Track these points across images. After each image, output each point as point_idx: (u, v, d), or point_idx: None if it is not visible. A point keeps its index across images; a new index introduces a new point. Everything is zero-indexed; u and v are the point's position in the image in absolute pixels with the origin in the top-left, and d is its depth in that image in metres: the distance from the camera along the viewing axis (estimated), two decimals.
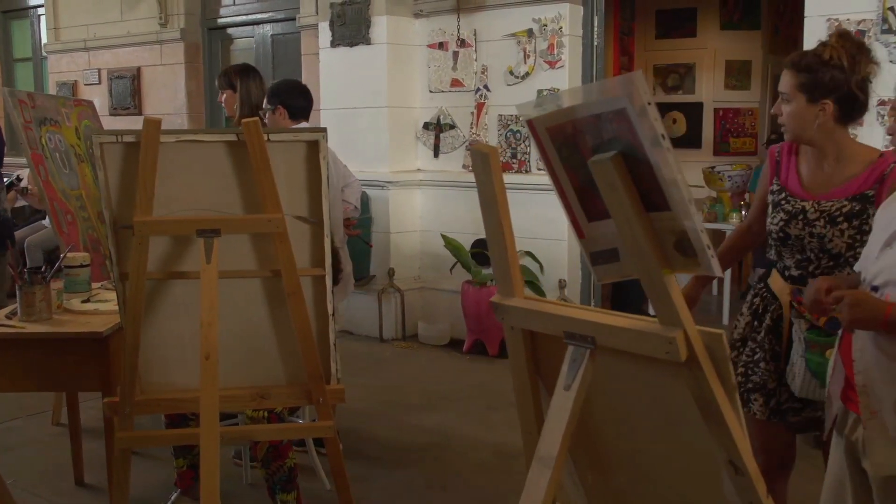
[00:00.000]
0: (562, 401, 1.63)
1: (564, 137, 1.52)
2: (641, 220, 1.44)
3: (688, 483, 1.75)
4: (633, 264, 1.50)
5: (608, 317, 1.62)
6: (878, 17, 4.85)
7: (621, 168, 1.43)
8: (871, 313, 2.02)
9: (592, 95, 1.43)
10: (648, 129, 1.37)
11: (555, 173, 1.59)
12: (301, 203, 2.84)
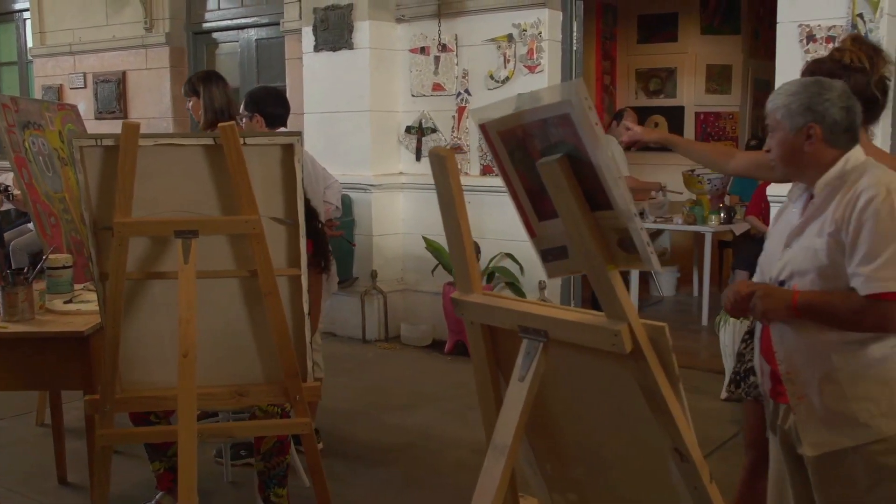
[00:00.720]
0: (516, 391, 1.71)
1: (515, 141, 1.60)
2: (587, 218, 1.53)
3: (638, 471, 1.83)
4: (581, 261, 1.58)
5: (560, 311, 1.71)
6: (847, 24, 4.95)
7: (567, 170, 1.51)
8: (781, 302, 2.21)
9: (539, 101, 1.52)
10: (590, 133, 1.45)
11: (507, 175, 1.67)
12: (277, 205, 2.93)
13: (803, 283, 2.23)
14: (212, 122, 4.11)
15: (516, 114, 1.56)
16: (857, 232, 2.12)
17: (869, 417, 2.19)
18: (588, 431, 1.89)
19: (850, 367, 2.20)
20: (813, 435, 2.26)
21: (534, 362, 1.69)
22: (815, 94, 2.27)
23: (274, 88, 4.70)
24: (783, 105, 2.29)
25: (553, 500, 2.11)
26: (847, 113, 2.27)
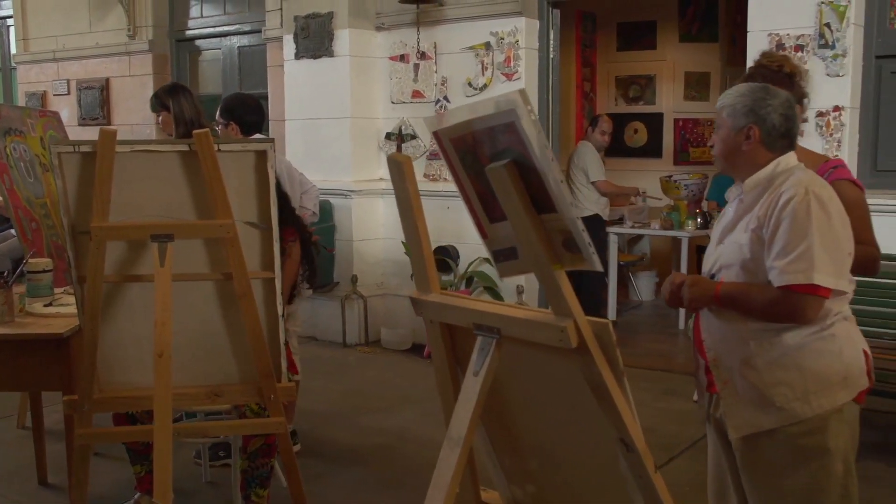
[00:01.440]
0: (471, 385, 1.79)
1: (466, 147, 1.69)
2: (533, 221, 1.62)
3: (590, 463, 1.92)
4: (529, 261, 1.67)
5: (511, 309, 1.79)
6: (815, 33, 5.07)
7: (514, 175, 1.60)
8: (705, 291, 2.38)
9: (486, 110, 1.60)
10: (534, 140, 1.54)
11: (460, 180, 1.76)
12: (251, 209, 3.00)
13: (729, 275, 2.39)
14: (184, 134, 4.15)
15: (466, 122, 1.65)
16: (775, 228, 2.28)
17: (785, 401, 2.34)
18: (542, 425, 1.97)
19: (768, 354, 2.35)
20: (736, 418, 2.42)
21: (487, 358, 1.78)
22: (759, 98, 2.44)
23: (248, 96, 4.73)
24: (730, 105, 2.46)
25: (512, 492, 2.20)
26: (786, 120, 2.44)
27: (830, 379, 2.34)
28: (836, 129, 5.07)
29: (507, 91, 6.06)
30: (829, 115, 5.08)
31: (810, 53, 5.10)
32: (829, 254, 2.23)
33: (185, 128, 4.14)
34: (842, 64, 5.04)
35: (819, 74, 5.10)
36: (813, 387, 2.33)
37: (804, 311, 2.26)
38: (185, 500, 3.94)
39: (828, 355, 2.34)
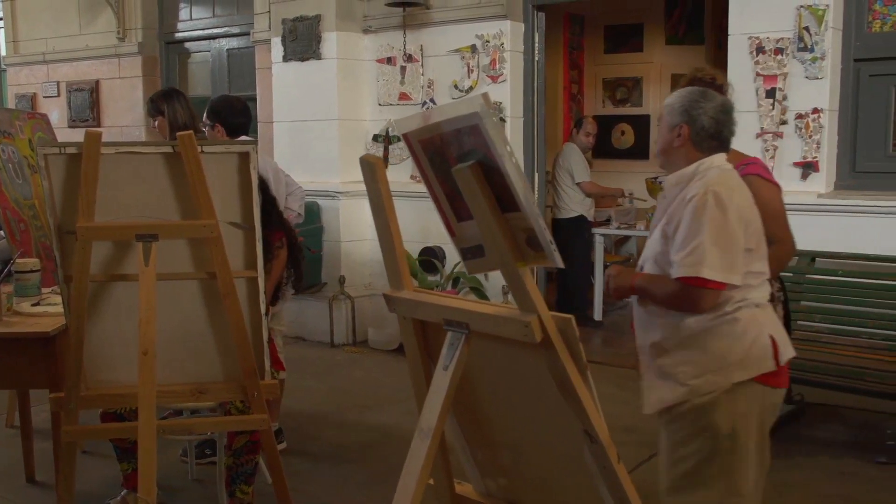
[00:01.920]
0: (440, 379, 1.86)
1: (434, 149, 1.76)
2: (498, 220, 1.68)
3: (557, 455, 1.99)
4: (495, 259, 1.74)
5: (479, 306, 1.86)
6: (794, 36, 5.15)
7: (479, 175, 1.66)
8: (625, 281, 2.65)
9: (453, 113, 1.67)
10: (497, 142, 1.60)
11: (428, 180, 1.83)
12: (234, 210, 3.06)
13: (647, 267, 2.64)
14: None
15: (434, 124, 1.71)
16: (677, 224, 2.49)
17: (685, 378, 2.56)
18: (512, 419, 2.04)
19: (676, 337, 2.58)
20: (649, 396, 2.70)
21: (457, 352, 1.84)
22: (694, 100, 2.63)
23: (235, 98, 4.77)
24: (670, 104, 2.68)
25: (486, 484, 2.26)
26: (716, 123, 2.62)
27: (729, 359, 2.54)
28: (815, 130, 5.14)
29: (492, 92, 6.17)
30: (808, 117, 5.16)
31: (790, 56, 5.18)
32: (720, 249, 2.42)
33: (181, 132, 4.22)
34: (821, 67, 5.11)
35: (798, 77, 5.19)
36: (712, 366, 2.54)
37: (697, 302, 2.48)
38: (172, 498, 4.00)
39: (729, 337, 2.54)
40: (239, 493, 3.55)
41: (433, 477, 2.36)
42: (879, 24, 5.18)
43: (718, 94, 2.76)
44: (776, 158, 5.26)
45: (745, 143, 5.32)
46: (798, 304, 5.02)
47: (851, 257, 4.97)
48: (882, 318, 4.72)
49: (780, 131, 5.24)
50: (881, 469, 4.24)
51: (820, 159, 5.18)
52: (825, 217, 5.14)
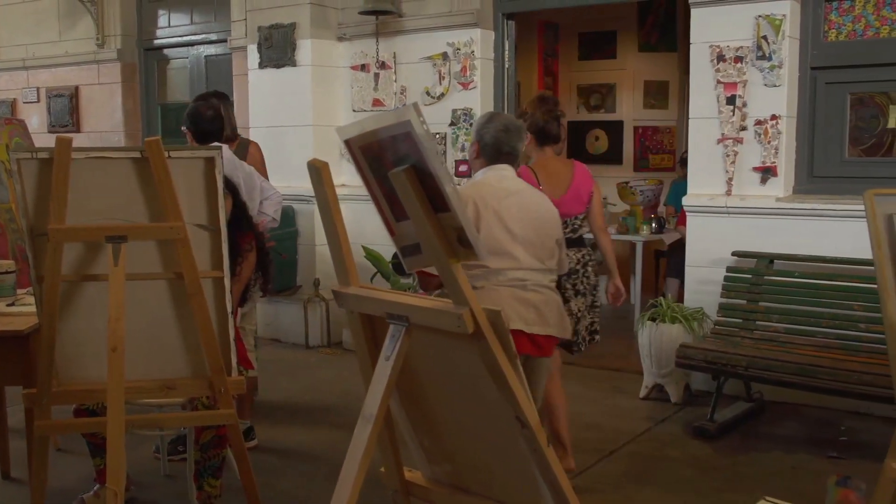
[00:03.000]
0: (382, 369, 1.99)
1: (373, 154, 1.89)
2: (431, 220, 1.81)
3: (495, 441, 2.12)
4: (431, 255, 1.87)
5: (418, 300, 1.99)
6: (753, 45, 5.31)
7: (413, 178, 1.80)
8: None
9: (388, 121, 1.80)
10: (427, 148, 1.74)
11: (369, 183, 1.96)
12: (200, 212, 3.19)
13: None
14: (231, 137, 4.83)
15: (372, 131, 1.85)
16: None
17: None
18: (453, 407, 2.17)
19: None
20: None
21: (398, 344, 1.97)
22: (482, 123, 3.56)
23: (205, 105, 4.73)
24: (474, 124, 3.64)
25: (432, 471, 2.39)
26: (495, 140, 3.48)
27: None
28: (774, 136, 5.30)
29: (463, 99, 6.32)
30: (766, 124, 5.32)
31: (749, 64, 5.34)
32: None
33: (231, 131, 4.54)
34: (778, 74, 5.28)
35: (757, 85, 5.35)
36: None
37: (424, 286, 3.33)
38: (144, 493, 4.11)
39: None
40: (207, 487, 3.66)
41: (384, 465, 2.50)
42: (835, 34, 5.35)
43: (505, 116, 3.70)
44: (737, 163, 5.41)
45: (706, 148, 5.52)
46: (757, 304, 5.18)
47: (808, 259, 5.14)
48: (836, 318, 4.88)
49: (741, 137, 5.40)
50: (832, 463, 4.39)
51: (778, 164, 5.34)
52: (783, 220, 5.30)
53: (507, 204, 3.41)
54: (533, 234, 3.43)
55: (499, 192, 3.40)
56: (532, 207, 3.49)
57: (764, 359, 4.75)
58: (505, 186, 3.45)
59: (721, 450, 4.64)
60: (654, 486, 4.20)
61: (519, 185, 3.55)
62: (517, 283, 3.37)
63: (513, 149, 3.50)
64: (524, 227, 3.41)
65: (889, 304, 2.64)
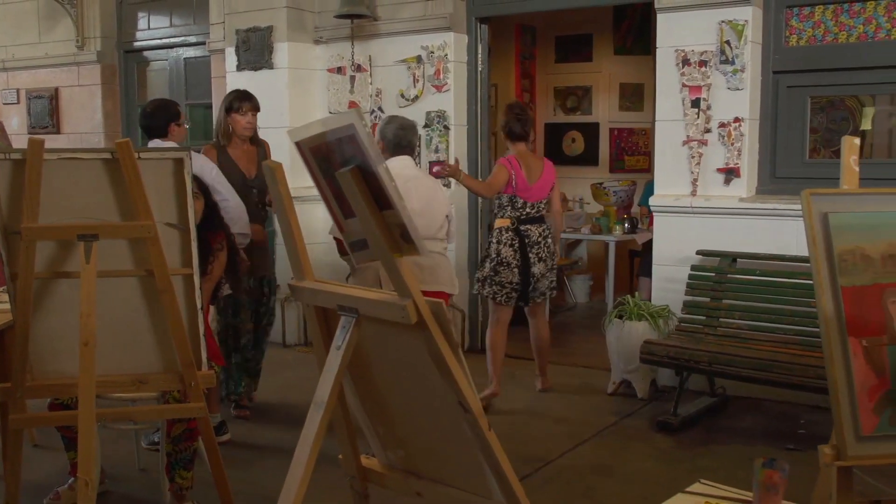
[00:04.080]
0: (333, 357, 2.11)
1: (322, 155, 2.01)
2: (376, 217, 1.93)
3: (443, 427, 2.24)
4: (376, 250, 1.99)
5: (366, 293, 2.11)
6: (717, 49, 5.45)
7: (358, 178, 1.91)
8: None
9: (334, 124, 1.92)
10: (369, 150, 1.86)
11: (319, 183, 2.08)
12: (170, 211, 3.30)
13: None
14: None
15: (320, 133, 1.96)
16: None
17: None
18: (403, 395, 2.29)
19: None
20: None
21: (348, 334, 2.09)
22: (384, 124, 4.62)
23: (152, 102, 5.11)
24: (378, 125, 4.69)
25: (387, 457, 2.51)
26: (394, 136, 4.53)
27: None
28: (737, 138, 5.45)
29: (437, 101, 6.44)
30: (730, 126, 5.46)
31: (713, 68, 5.48)
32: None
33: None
34: (741, 78, 5.42)
35: (721, 88, 5.49)
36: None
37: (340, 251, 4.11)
38: (118, 486, 4.21)
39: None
40: (178, 479, 3.77)
41: (341, 452, 2.62)
42: (796, 39, 5.49)
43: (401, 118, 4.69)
44: (701, 165, 5.55)
45: (672, 150, 5.65)
46: (720, 302, 5.32)
47: (770, 258, 5.28)
48: (795, 314, 5.02)
49: (705, 139, 5.54)
50: (789, 455, 4.52)
51: (741, 165, 5.48)
52: (746, 220, 5.44)
53: (406, 187, 4.15)
54: (426, 210, 4.39)
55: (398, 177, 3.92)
56: (425, 190, 4.50)
57: (725, 354, 4.89)
58: (405, 173, 4.40)
59: (683, 443, 4.77)
60: (617, 477, 4.33)
61: (416, 172, 4.64)
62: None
63: (409, 143, 4.64)
64: (422, 204, 4.37)
65: (823, 299, 2.77)
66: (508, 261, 5.38)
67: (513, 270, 5.38)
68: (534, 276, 5.42)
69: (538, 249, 5.42)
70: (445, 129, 6.53)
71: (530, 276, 5.41)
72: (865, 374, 2.76)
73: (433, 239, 4.39)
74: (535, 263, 5.41)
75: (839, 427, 2.71)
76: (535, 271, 5.41)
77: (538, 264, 5.43)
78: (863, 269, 2.83)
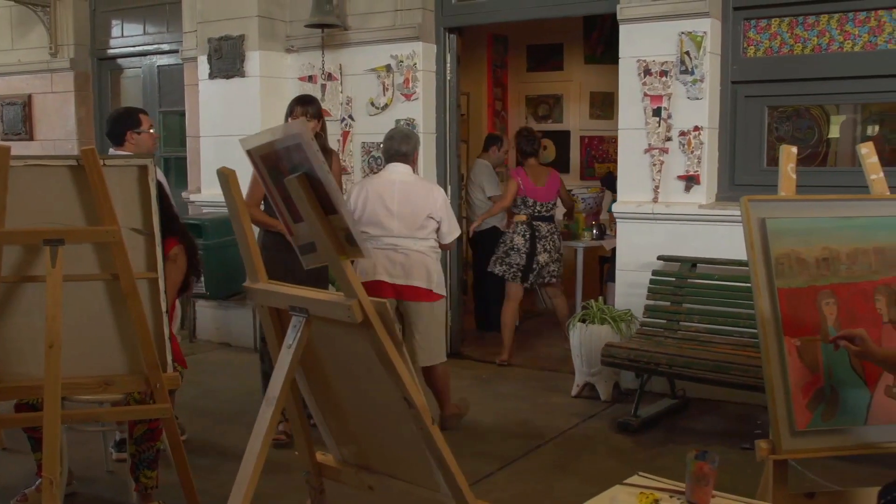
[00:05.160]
0: (285, 355, 2.21)
1: (272, 163, 2.11)
2: (322, 221, 2.04)
3: (389, 422, 2.34)
4: (324, 253, 2.09)
5: (316, 293, 2.22)
6: (677, 60, 5.59)
7: (305, 185, 2.02)
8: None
9: (282, 133, 2.03)
10: (315, 158, 1.96)
11: (269, 189, 2.18)
12: (135, 217, 3.39)
13: None
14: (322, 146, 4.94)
15: (270, 142, 2.07)
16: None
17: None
18: (352, 391, 2.39)
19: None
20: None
21: (298, 333, 2.19)
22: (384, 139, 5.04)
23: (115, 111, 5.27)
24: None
25: (340, 452, 2.61)
26: (386, 148, 4.95)
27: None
28: (697, 146, 5.59)
29: (406, 110, 6.55)
30: (690, 135, 5.60)
31: (673, 78, 5.62)
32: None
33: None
34: (700, 88, 5.56)
35: (681, 97, 5.63)
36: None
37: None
38: (86, 487, 4.28)
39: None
40: (143, 479, 3.85)
41: (297, 449, 2.71)
42: (753, 50, 5.65)
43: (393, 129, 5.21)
44: (662, 172, 5.68)
45: (634, 158, 5.78)
46: (680, 306, 5.45)
47: (728, 263, 5.41)
48: (751, 318, 5.10)
49: (666, 147, 5.67)
50: (743, 454, 4.64)
51: (701, 173, 5.62)
52: (706, 226, 5.58)
53: (392, 190, 4.81)
54: (409, 212, 4.77)
55: (385, 182, 4.86)
56: (411, 193, 4.83)
57: (684, 357, 5.02)
58: (392, 178, 4.88)
59: (642, 443, 4.89)
60: (576, 476, 4.44)
61: (406, 178, 4.90)
62: (389, 246, 4.78)
63: (396, 151, 4.92)
64: (403, 206, 4.79)
65: (761, 301, 2.91)
66: (518, 247, 6.67)
67: (521, 255, 6.66)
68: (538, 263, 6.69)
69: (545, 242, 6.73)
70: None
71: (534, 262, 6.67)
72: (800, 372, 2.89)
73: (411, 238, 4.78)
74: (540, 253, 6.70)
75: (774, 422, 2.84)
76: (539, 259, 6.69)
77: (543, 254, 6.71)
78: (798, 272, 2.97)
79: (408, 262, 4.78)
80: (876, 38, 5.33)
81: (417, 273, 4.80)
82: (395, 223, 4.76)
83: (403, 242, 4.76)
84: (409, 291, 4.81)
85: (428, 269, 4.84)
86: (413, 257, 4.79)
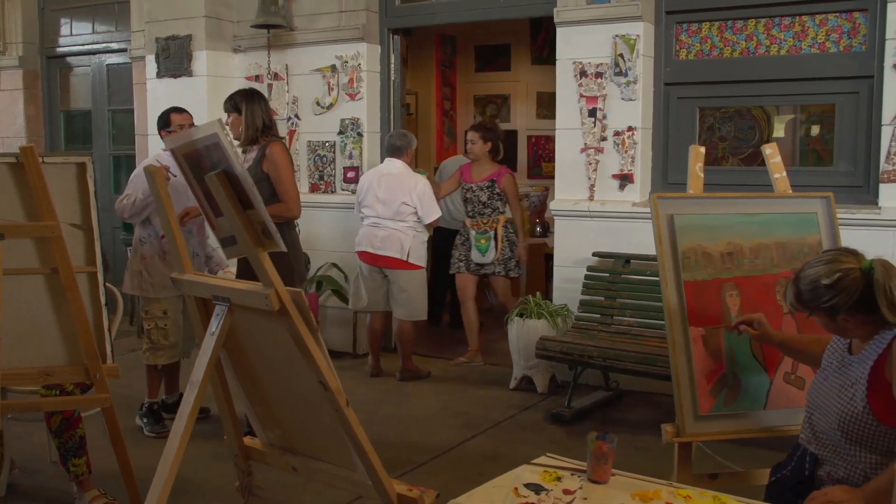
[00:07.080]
0: (208, 342, 2.34)
1: (193, 160, 2.25)
2: (240, 216, 2.18)
3: (311, 405, 2.48)
4: (243, 246, 2.23)
5: (238, 283, 2.35)
6: (611, 62, 5.79)
7: (224, 181, 2.16)
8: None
9: (200, 133, 2.16)
10: (231, 156, 2.10)
11: (192, 185, 2.31)
12: (74, 213, 3.50)
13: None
14: (252, 138, 4.66)
15: (191, 141, 2.20)
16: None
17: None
18: (274, 376, 2.53)
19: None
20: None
21: (221, 321, 2.33)
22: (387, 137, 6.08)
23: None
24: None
25: (267, 436, 2.75)
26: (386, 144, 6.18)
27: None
28: (630, 146, 5.78)
29: (351, 109, 6.68)
30: (624, 135, 5.79)
31: (608, 80, 5.81)
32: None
33: (254, 133, 4.64)
34: (634, 90, 5.76)
35: (616, 99, 5.82)
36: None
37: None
38: (29, 477, 4.37)
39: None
40: (72, 467, 3.93)
41: (225, 433, 2.85)
42: (685, 53, 5.86)
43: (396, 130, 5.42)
44: (598, 171, 5.88)
45: (571, 157, 5.97)
46: (614, 300, 5.65)
47: None
48: None
49: (601, 147, 5.87)
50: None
51: (635, 172, 5.81)
52: (640, 223, 5.76)
53: (382, 179, 6.12)
54: (390, 198, 6.06)
55: (379, 173, 6.20)
56: (393, 184, 6.08)
57: (615, 350, 5.21)
58: (383, 171, 6.19)
59: (574, 433, 5.07)
60: (506, 463, 4.51)
61: (394, 171, 6.15)
62: (374, 224, 6.10)
63: (391, 146, 6.23)
64: (386, 193, 6.07)
65: (668, 292, 3.09)
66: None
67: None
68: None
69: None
70: (359, 135, 6.78)
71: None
72: (704, 359, 3.08)
73: (391, 219, 6.06)
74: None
75: (679, 407, 3.02)
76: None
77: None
78: (704, 265, 3.15)
79: (386, 236, 6.06)
80: (800, 42, 5.56)
81: (392, 246, 6.06)
82: (380, 207, 6.07)
83: (384, 222, 6.07)
84: (385, 260, 6.09)
85: (402, 243, 6.06)
86: (391, 234, 6.06)
